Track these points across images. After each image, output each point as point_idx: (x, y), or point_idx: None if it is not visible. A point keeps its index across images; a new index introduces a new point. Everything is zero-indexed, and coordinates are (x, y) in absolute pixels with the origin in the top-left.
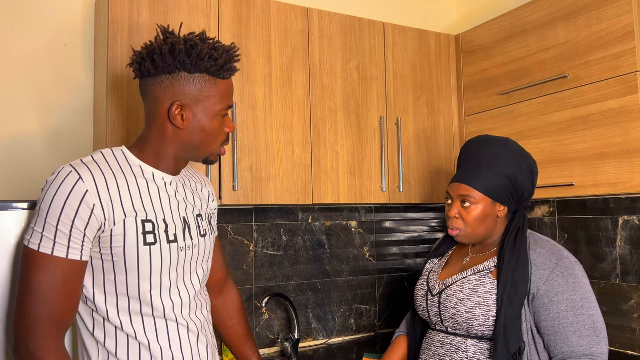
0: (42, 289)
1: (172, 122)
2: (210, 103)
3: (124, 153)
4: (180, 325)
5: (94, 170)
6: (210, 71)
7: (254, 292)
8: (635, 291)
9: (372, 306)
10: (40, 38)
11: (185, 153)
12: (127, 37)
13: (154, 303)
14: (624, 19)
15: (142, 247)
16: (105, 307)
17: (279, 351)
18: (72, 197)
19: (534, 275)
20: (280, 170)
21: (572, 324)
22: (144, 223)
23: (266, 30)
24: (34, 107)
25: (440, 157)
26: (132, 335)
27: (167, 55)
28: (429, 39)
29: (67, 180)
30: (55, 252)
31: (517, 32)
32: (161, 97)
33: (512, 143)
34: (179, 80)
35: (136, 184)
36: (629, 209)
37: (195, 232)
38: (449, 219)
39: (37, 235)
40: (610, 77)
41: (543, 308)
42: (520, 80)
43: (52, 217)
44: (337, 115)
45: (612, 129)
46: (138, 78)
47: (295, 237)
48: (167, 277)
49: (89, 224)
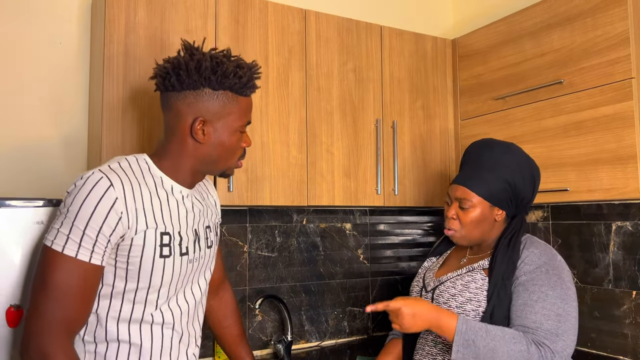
0: (61, 290)
1: (194, 137)
2: (231, 119)
3: (147, 162)
4: (175, 333)
5: (122, 178)
6: (234, 88)
7: (247, 294)
8: (627, 296)
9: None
10: (35, 36)
11: (203, 167)
12: (124, 36)
13: (155, 312)
14: (619, 25)
15: (157, 259)
16: (107, 313)
17: (271, 353)
18: (103, 203)
19: (520, 270)
20: (275, 171)
21: (535, 312)
22: (162, 235)
23: (263, 31)
24: (31, 105)
25: (436, 160)
26: (125, 340)
27: (193, 71)
28: (425, 42)
29: (98, 185)
30: (79, 255)
31: (513, 37)
32: (184, 112)
33: (516, 148)
34: (202, 96)
35: (157, 195)
36: (622, 215)
37: (203, 244)
38: (446, 218)
39: (62, 237)
40: (605, 83)
41: (515, 295)
42: (516, 85)
43: (81, 221)
44: (333, 117)
45: (606, 135)
46: (160, 91)
47: (289, 238)
48: (174, 287)
49: (114, 230)
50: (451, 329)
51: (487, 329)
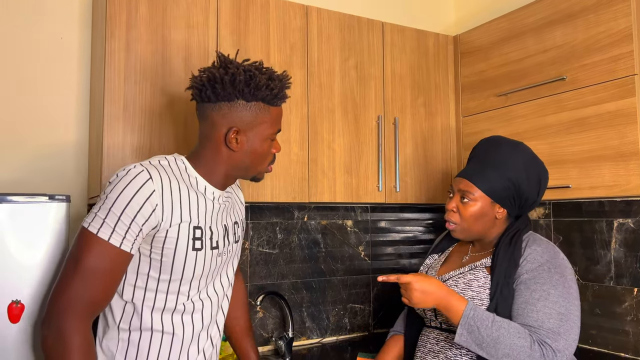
0: (89, 270)
1: (228, 145)
2: (263, 128)
3: (184, 163)
4: (204, 322)
5: (161, 173)
6: (266, 99)
7: (248, 290)
8: (628, 294)
9: (367, 306)
10: (36, 30)
11: (235, 172)
12: (125, 32)
13: (187, 302)
14: (622, 22)
15: (190, 252)
16: (142, 303)
17: (272, 350)
18: (140, 193)
19: (522, 268)
20: (276, 168)
21: (537, 311)
22: (194, 229)
23: (265, 27)
24: (31, 99)
25: (437, 157)
26: (159, 329)
27: (227, 84)
28: (427, 39)
29: (138, 177)
30: (112, 239)
31: (515, 33)
32: (219, 122)
33: (524, 148)
34: (236, 107)
35: (194, 192)
36: (623, 212)
37: (232, 238)
38: (446, 211)
39: (99, 220)
40: (608, 79)
41: (517, 293)
42: (518, 81)
43: (118, 207)
44: (335, 114)
45: (608, 131)
46: (195, 101)
47: (290, 235)
48: (204, 280)
49: (147, 220)
50: (459, 312)
51: (494, 319)
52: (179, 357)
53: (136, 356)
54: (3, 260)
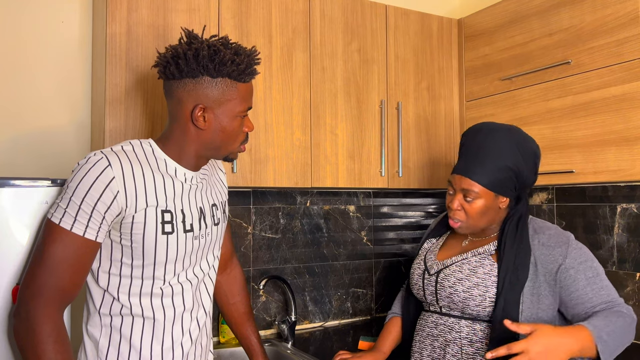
0: (54, 260)
1: (195, 124)
2: (231, 105)
3: (151, 146)
4: (185, 304)
5: (122, 159)
6: (232, 75)
7: (251, 275)
8: (631, 278)
9: (369, 290)
10: (37, 13)
11: (206, 151)
12: (126, 15)
13: (165, 286)
14: (629, 4)
15: (159, 235)
16: (117, 289)
17: (275, 333)
18: (99, 181)
19: (550, 255)
20: (279, 153)
21: (601, 288)
22: (163, 213)
23: (267, 10)
24: (34, 84)
25: (440, 142)
26: (139, 313)
27: (191, 60)
28: (431, 22)
29: (97, 165)
30: (74, 229)
31: (520, 16)
32: (184, 99)
33: (515, 130)
34: (201, 83)
35: (160, 175)
36: (627, 197)
37: (210, 221)
38: (450, 210)
39: (61, 210)
40: (614, 63)
41: (570, 279)
42: (523, 65)
43: (77, 196)
44: (337, 98)
45: (613, 116)
46: (162, 79)
47: (293, 220)
48: (180, 264)
49: (109, 208)
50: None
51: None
52: (162, 339)
53: (119, 341)
54: (7, 244)
